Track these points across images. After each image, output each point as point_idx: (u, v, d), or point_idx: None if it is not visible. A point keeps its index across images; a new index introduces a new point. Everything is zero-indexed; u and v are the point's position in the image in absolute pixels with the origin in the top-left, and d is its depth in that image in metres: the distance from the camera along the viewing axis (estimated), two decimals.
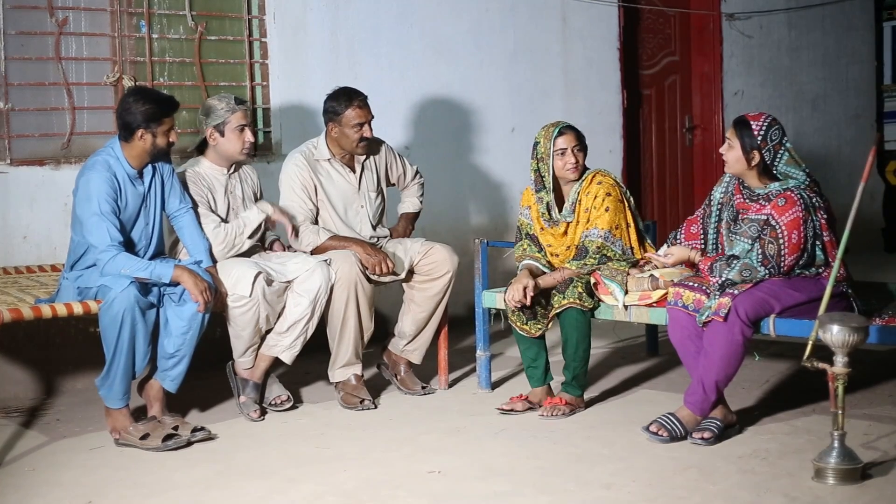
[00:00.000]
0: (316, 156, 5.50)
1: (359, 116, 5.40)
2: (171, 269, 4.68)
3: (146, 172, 4.89)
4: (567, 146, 5.09)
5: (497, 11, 7.45)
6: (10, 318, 4.53)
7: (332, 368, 5.36)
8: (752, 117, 4.65)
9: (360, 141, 5.43)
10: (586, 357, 5.03)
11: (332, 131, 5.46)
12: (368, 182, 5.58)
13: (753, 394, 5.26)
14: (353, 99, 5.42)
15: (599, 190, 5.07)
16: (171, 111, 4.85)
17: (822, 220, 4.57)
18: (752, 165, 4.61)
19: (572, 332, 4.98)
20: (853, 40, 10.04)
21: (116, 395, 4.74)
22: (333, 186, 5.50)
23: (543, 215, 5.16)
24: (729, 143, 4.66)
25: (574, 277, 4.98)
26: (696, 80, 8.95)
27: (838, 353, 3.99)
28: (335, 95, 5.47)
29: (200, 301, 4.71)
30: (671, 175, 8.85)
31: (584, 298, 4.95)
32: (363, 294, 5.26)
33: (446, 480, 4.19)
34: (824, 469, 3.99)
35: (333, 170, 5.50)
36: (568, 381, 5.05)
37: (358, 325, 5.28)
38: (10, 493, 4.15)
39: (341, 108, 5.41)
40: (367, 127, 5.43)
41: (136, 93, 4.89)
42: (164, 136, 4.81)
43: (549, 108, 7.54)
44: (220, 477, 4.29)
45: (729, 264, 4.55)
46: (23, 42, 5.70)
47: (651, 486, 4.05)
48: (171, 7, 6.16)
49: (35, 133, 5.74)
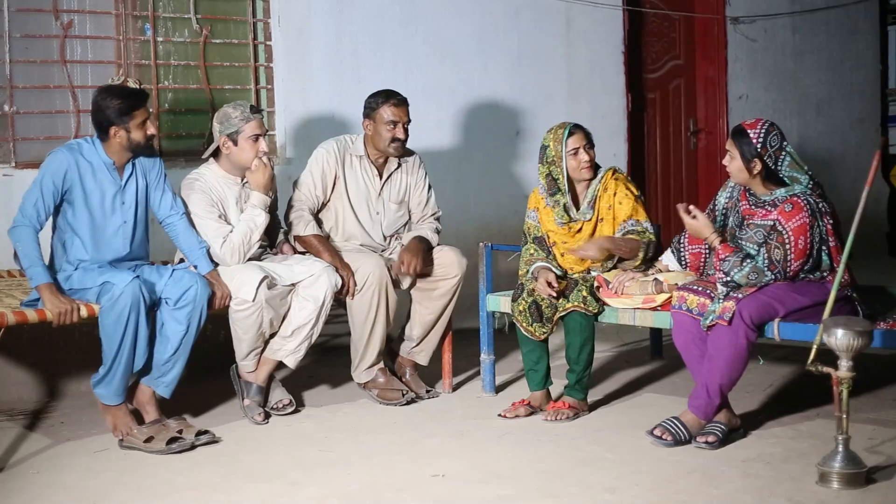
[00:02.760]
0: (350, 150, 5.51)
1: (393, 115, 5.41)
2: (40, 281, 4.59)
3: (125, 169, 4.88)
4: (578, 145, 5.11)
5: (501, 15, 7.45)
6: (13, 321, 4.54)
7: (358, 370, 5.39)
8: (748, 125, 4.63)
9: (393, 141, 5.43)
10: (590, 361, 5.04)
11: (367, 128, 5.48)
12: (392, 192, 5.58)
13: (757, 398, 5.25)
14: (391, 97, 5.45)
15: (618, 186, 5.13)
16: (141, 104, 4.81)
17: (829, 226, 4.56)
18: (755, 174, 4.60)
19: (577, 335, 4.98)
20: (858, 44, 10.03)
21: (116, 391, 4.74)
22: (356, 184, 5.50)
23: (560, 216, 5.16)
24: (729, 154, 4.64)
25: (579, 281, 5.01)
26: (701, 83, 8.94)
27: (843, 356, 3.98)
28: (376, 93, 5.51)
29: (55, 321, 4.61)
30: (675, 179, 8.85)
31: (589, 302, 4.95)
32: (391, 297, 5.29)
33: (450, 484, 4.18)
34: (828, 473, 3.99)
35: (361, 168, 5.51)
36: (571, 384, 5.05)
37: (385, 326, 5.31)
38: (13, 496, 4.15)
39: (377, 105, 5.43)
40: (401, 127, 5.43)
41: (104, 91, 4.86)
42: (138, 129, 4.79)
43: (553, 111, 7.53)
44: (223, 480, 4.29)
45: (742, 263, 4.52)
46: (28, 45, 5.71)
47: (655, 489, 4.04)
48: (175, 10, 6.17)
49: (40, 136, 5.75)
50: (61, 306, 4.58)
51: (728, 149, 4.65)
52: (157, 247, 5.24)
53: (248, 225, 5.13)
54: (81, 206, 4.78)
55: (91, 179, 4.78)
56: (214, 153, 5.25)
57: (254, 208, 5.15)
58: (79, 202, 4.77)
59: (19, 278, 5.40)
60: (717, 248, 4.61)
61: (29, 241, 4.63)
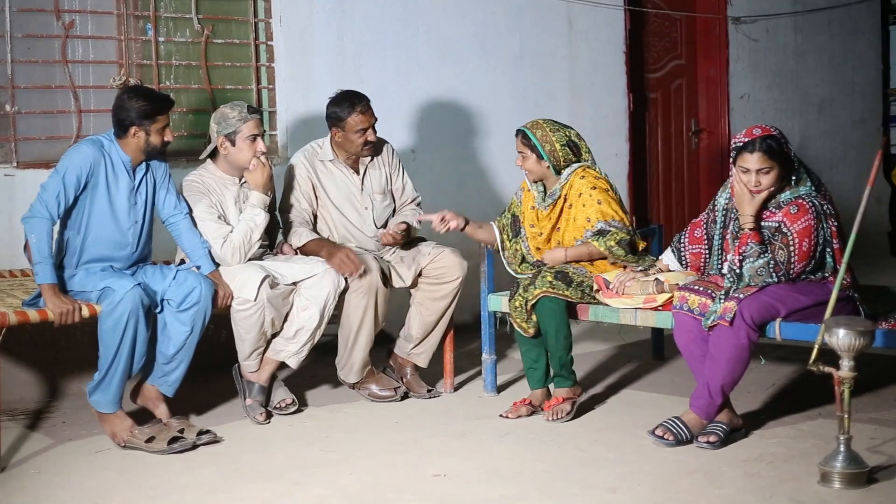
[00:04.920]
0: (320, 156, 5.50)
1: (362, 122, 5.40)
2: (45, 280, 4.59)
3: (139, 170, 4.89)
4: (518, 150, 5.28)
5: (503, 15, 7.45)
6: (15, 321, 4.54)
7: (349, 371, 5.38)
8: (768, 133, 4.53)
9: (365, 145, 5.44)
10: (568, 344, 5.01)
11: (335, 136, 5.47)
12: (374, 183, 5.58)
13: (759, 398, 5.25)
14: (356, 104, 5.40)
15: (584, 186, 5.14)
16: (166, 109, 4.84)
17: (833, 228, 4.55)
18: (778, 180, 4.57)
19: (549, 320, 4.97)
20: (859, 44, 10.03)
21: (112, 399, 4.73)
22: (335, 187, 5.50)
23: (538, 201, 5.27)
24: (763, 171, 4.46)
25: (547, 269, 5.07)
26: (703, 83, 8.94)
27: (844, 356, 3.98)
28: (337, 100, 5.46)
29: (57, 321, 4.61)
30: (677, 178, 8.85)
31: (556, 285, 4.95)
32: (382, 299, 5.28)
33: (451, 484, 4.18)
34: (830, 473, 3.99)
35: (336, 170, 5.51)
36: (556, 371, 5.04)
37: (373, 329, 5.32)
38: (15, 496, 4.16)
39: (344, 114, 5.40)
40: (371, 131, 5.43)
41: (131, 90, 4.89)
42: (157, 134, 4.81)
43: (554, 111, 7.50)
44: (225, 480, 4.30)
45: (759, 255, 4.49)
46: (29, 45, 5.71)
47: (656, 490, 4.05)
48: (177, 10, 6.17)
49: (41, 136, 5.75)
50: (63, 306, 4.58)
51: (765, 166, 4.45)
52: (158, 246, 5.24)
53: (248, 224, 5.13)
54: (100, 202, 4.78)
55: (112, 176, 4.80)
56: (212, 154, 5.26)
57: (253, 208, 5.16)
58: (98, 198, 4.77)
59: (21, 278, 5.40)
60: (747, 230, 4.52)
61: (44, 235, 4.62)
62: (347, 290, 5.22)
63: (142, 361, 4.77)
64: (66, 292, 4.71)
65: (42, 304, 4.63)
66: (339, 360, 5.41)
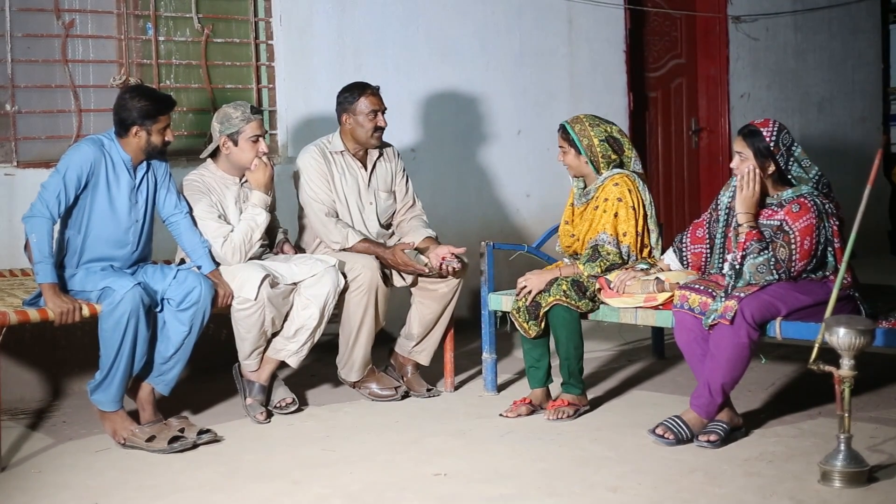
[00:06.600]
0: (330, 148, 5.51)
1: (372, 104, 5.42)
2: (45, 279, 4.58)
3: (139, 169, 4.89)
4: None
5: (503, 14, 7.45)
6: (16, 321, 4.54)
7: (349, 370, 5.38)
8: (760, 125, 4.61)
9: (375, 130, 5.44)
10: (579, 354, 5.02)
11: (346, 123, 5.48)
12: (379, 181, 5.59)
13: (759, 397, 5.25)
14: (366, 88, 5.47)
15: (610, 194, 5.13)
16: (167, 109, 4.85)
17: (835, 227, 4.55)
18: (768, 175, 4.59)
19: (561, 329, 4.98)
20: (859, 43, 10.03)
21: (114, 398, 4.73)
22: (345, 181, 5.51)
23: (577, 194, 5.32)
24: (741, 155, 4.60)
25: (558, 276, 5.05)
26: (703, 82, 8.94)
27: (844, 355, 3.98)
28: (347, 87, 5.51)
29: (57, 321, 4.61)
30: (677, 178, 8.85)
31: (570, 295, 4.95)
32: (382, 299, 5.29)
33: (452, 483, 4.18)
34: (831, 472, 3.99)
35: (346, 164, 5.52)
36: (565, 379, 5.06)
37: (373, 328, 5.32)
38: (16, 496, 4.16)
39: (354, 98, 5.44)
40: (381, 116, 5.45)
41: (133, 90, 4.89)
42: (158, 134, 4.82)
43: (555, 110, 7.53)
44: (225, 479, 4.30)
45: (760, 252, 4.50)
46: (29, 44, 5.71)
47: (657, 489, 4.05)
48: (177, 10, 6.17)
49: (42, 135, 5.75)
50: (63, 306, 4.58)
51: (739, 150, 4.59)
52: (158, 246, 5.24)
53: (248, 224, 5.13)
54: (101, 202, 4.78)
55: (112, 175, 4.80)
56: (212, 153, 5.26)
57: (254, 207, 5.16)
58: (99, 197, 4.77)
59: (21, 277, 5.40)
60: (747, 227, 4.53)
61: (44, 235, 4.61)
62: (347, 290, 5.23)
63: (143, 360, 4.77)
64: (66, 292, 4.71)
65: (42, 303, 4.63)
66: (340, 359, 5.41)
